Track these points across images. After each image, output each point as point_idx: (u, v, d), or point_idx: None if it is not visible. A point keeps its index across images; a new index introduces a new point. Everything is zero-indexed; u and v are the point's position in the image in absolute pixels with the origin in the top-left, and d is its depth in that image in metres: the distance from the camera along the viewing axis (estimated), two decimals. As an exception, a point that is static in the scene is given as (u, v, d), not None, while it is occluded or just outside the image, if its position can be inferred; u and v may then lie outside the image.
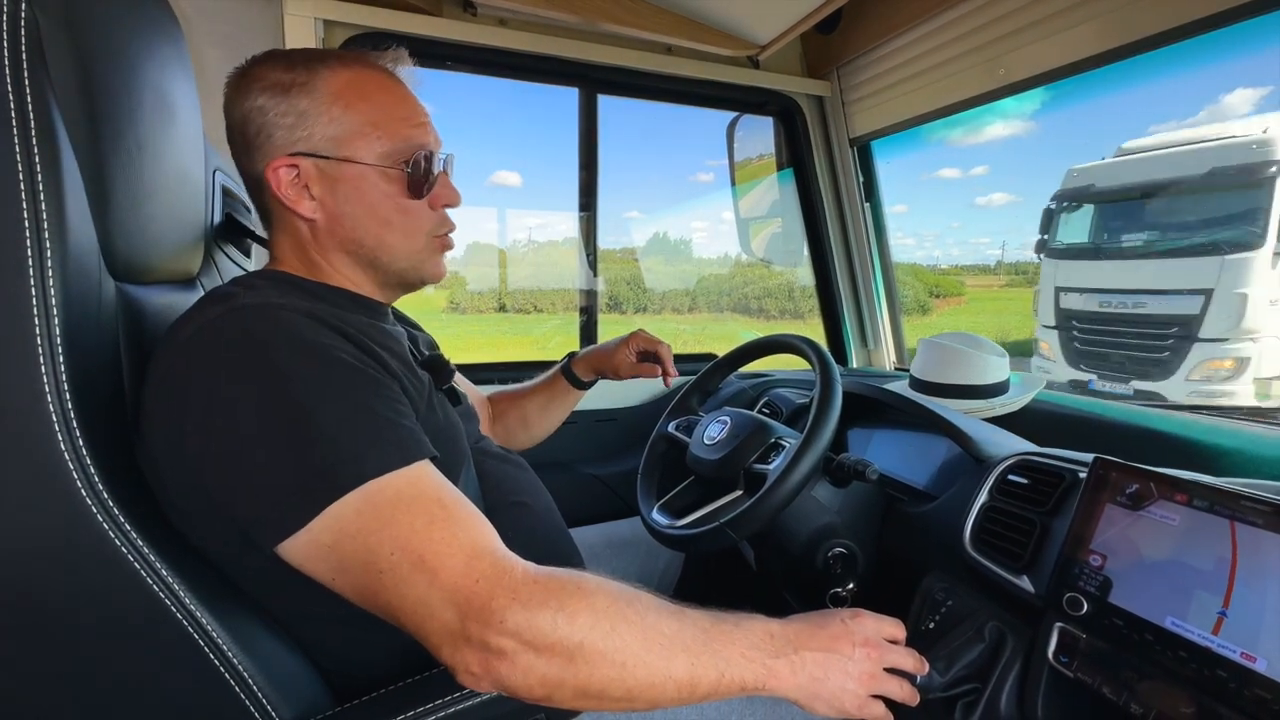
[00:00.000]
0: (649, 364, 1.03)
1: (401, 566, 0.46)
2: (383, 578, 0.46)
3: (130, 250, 0.56)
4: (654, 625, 0.48)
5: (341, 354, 0.52)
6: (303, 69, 0.60)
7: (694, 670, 0.48)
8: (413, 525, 0.46)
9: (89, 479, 0.46)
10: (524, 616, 0.44)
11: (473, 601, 0.45)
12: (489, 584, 0.45)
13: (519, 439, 1.05)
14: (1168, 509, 0.56)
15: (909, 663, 0.59)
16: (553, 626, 0.45)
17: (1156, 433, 0.89)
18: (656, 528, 0.90)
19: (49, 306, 0.44)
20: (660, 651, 0.47)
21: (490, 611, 0.44)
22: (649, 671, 0.47)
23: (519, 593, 0.45)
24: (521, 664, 0.44)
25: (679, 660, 0.48)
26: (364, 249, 0.63)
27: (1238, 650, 0.48)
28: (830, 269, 1.72)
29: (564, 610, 0.46)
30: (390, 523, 0.46)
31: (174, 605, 0.49)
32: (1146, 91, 2.85)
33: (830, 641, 0.55)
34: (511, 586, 0.46)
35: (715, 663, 0.49)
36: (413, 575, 0.45)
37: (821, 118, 1.66)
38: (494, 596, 0.45)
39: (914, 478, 0.96)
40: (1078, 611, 0.58)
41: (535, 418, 1.05)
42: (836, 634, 0.56)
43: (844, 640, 0.56)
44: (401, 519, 0.46)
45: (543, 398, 1.05)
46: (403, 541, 0.46)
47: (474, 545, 0.47)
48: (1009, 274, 13.98)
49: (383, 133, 0.61)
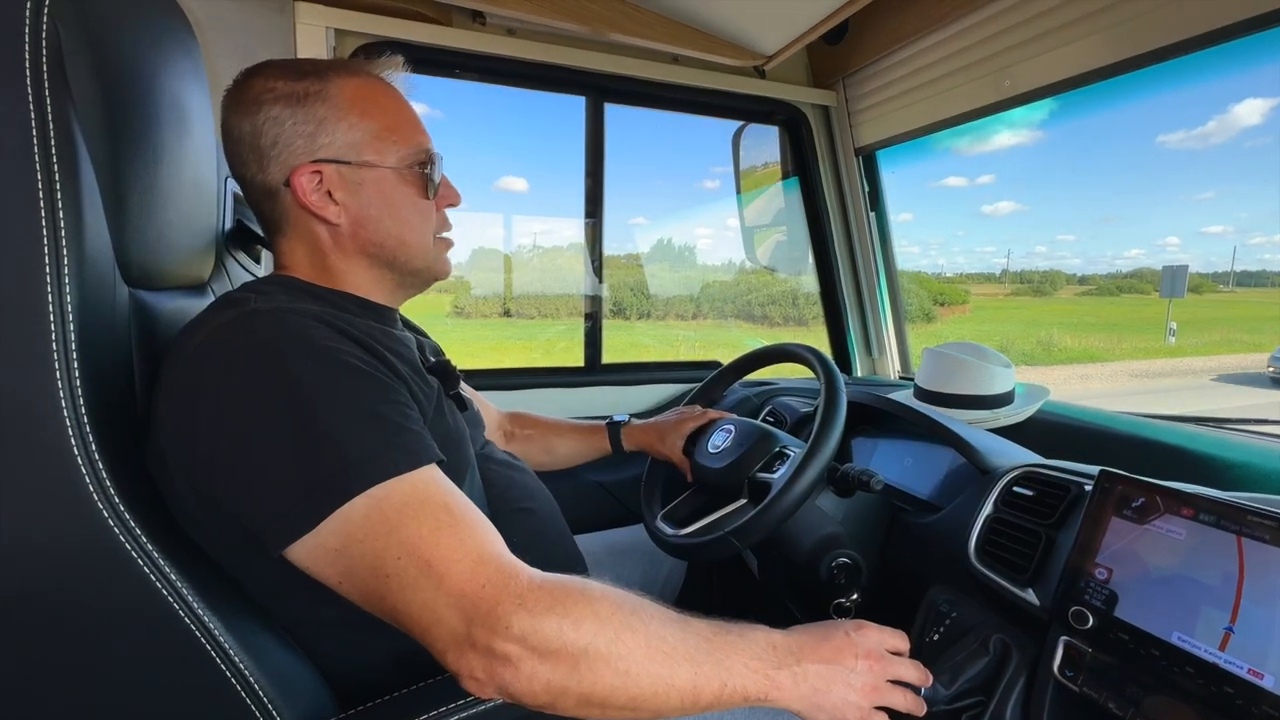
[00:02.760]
0: None
1: (408, 571, 0.46)
2: (389, 582, 0.46)
3: (144, 256, 0.57)
4: (658, 634, 0.48)
5: (351, 358, 0.53)
6: (314, 78, 0.61)
7: (697, 680, 0.48)
8: (419, 530, 0.47)
9: (100, 481, 0.46)
10: (529, 622, 0.45)
11: (479, 607, 0.45)
12: (495, 590, 0.45)
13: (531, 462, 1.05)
14: (1174, 523, 0.56)
15: (913, 675, 0.59)
16: (558, 633, 0.45)
17: (1163, 445, 0.89)
18: (660, 535, 0.90)
19: (64, 311, 0.45)
20: (664, 660, 0.47)
21: (496, 617, 0.44)
22: (652, 680, 0.47)
23: (525, 599, 0.45)
24: (526, 670, 0.44)
25: (682, 669, 0.48)
26: (384, 250, 0.65)
27: (1245, 666, 0.48)
28: (835, 277, 1.72)
29: (569, 617, 0.46)
30: (397, 527, 0.46)
31: (181, 608, 0.49)
32: (1154, 102, 2.86)
33: (833, 654, 0.55)
34: (517, 592, 0.46)
35: (718, 672, 0.49)
36: (419, 580, 0.46)
37: (827, 127, 1.67)
38: (499, 602, 0.45)
39: (918, 488, 0.95)
40: (1083, 625, 0.57)
41: (561, 454, 1.06)
42: (840, 646, 0.56)
43: (847, 652, 0.56)
44: (408, 524, 0.47)
45: (577, 443, 1.06)
46: (409, 546, 0.46)
47: (480, 551, 0.47)
48: (1014, 283, 13.95)
49: (397, 137, 0.64)
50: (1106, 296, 30.19)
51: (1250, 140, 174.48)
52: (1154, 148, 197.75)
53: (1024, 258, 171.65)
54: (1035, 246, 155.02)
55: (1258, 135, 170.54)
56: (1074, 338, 15.97)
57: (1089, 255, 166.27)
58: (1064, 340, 15.36)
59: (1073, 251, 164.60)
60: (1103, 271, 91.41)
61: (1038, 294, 29.99)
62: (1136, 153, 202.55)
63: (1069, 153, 51.60)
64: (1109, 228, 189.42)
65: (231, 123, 0.61)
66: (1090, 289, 32.87)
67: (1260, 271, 49.08)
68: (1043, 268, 39.35)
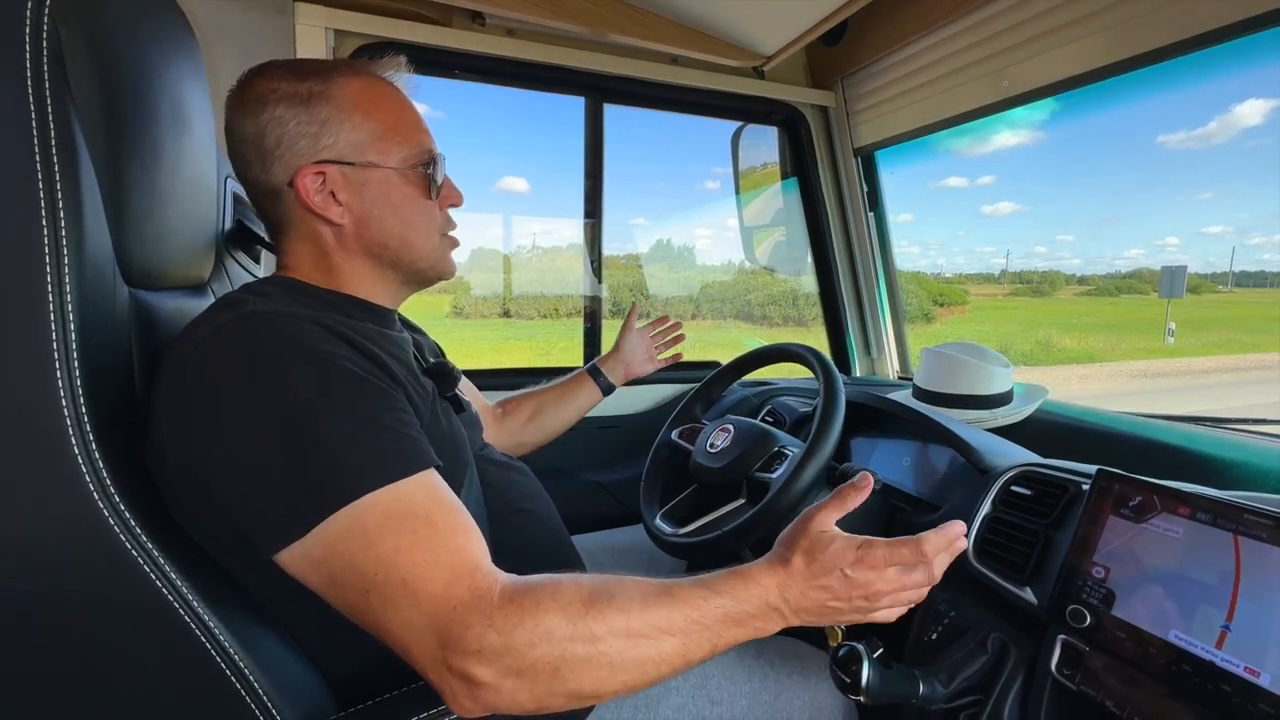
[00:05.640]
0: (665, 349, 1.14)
1: (386, 587, 0.45)
2: (369, 597, 0.46)
3: (144, 257, 0.57)
4: (639, 618, 0.47)
5: (348, 363, 0.53)
6: (317, 79, 0.61)
7: (687, 649, 0.49)
8: (397, 545, 0.46)
9: (100, 480, 0.46)
10: (500, 643, 0.44)
11: (450, 630, 0.44)
12: (464, 612, 0.45)
13: (525, 436, 1.05)
14: (1171, 522, 0.56)
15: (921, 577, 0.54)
16: (529, 648, 0.44)
17: (1160, 445, 0.89)
18: (659, 535, 0.90)
19: (65, 311, 0.45)
20: (648, 643, 0.47)
21: (466, 642, 0.44)
22: (639, 663, 0.47)
23: (494, 619, 0.44)
24: (506, 690, 0.44)
25: (668, 644, 0.48)
26: (388, 250, 0.65)
27: (1241, 664, 0.48)
28: (834, 277, 1.72)
29: (539, 628, 0.45)
30: (375, 541, 0.46)
31: (181, 607, 0.49)
32: (1155, 102, 2.84)
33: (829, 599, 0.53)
34: (487, 613, 0.45)
35: (708, 637, 0.50)
36: (396, 597, 0.45)
37: (826, 128, 1.67)
38: (469, 625, 0.44)
39: (917, 488, 0.96)
40: (1081, 624, 0.58)
41: (550, 409, 1.07)
42: (836, 593, 0.53)
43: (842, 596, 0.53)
44: (387, 538, 0.46)
45: (560, 392, 1.08)
46: (386, 562, 0.46)
47: (454, 568, 0.47)
48: (1013, 283, 13.99)
49: (401, 137, 0.64)
50: (1105, 297, 30.23)
51: (1251, 141, 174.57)
52: (1155, 148, 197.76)
53: (1023, 258, 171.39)
54: (1035, 247, 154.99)
55: (1259, 136, 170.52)
56: (1073, 338, 15.99)
57: (1088, 255, 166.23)
58: (1063, 341, 15.39)
59: (1072, 252, 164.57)
60: (1102, 272, 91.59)
61: (1037, 294, 30.04)
62: (1137, 153, 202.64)
63: (1070, 153, 51.27)
64: (1109, 228, 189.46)
65: (235, 123, 0.61)
66: (1089, 289, 32.91)
67: (1259, 272, 49.21)
68: (1042, 268, 39.52)
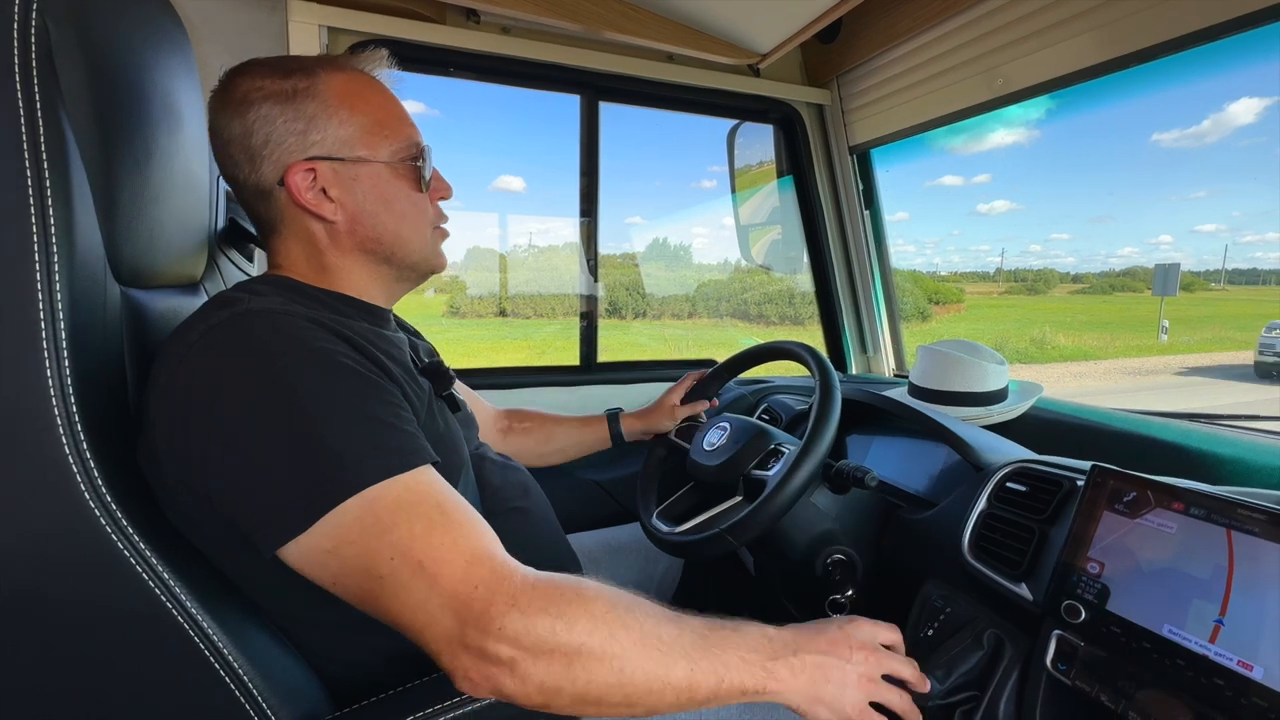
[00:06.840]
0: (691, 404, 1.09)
1: (401, 572, 0.46)
2: (382, 583, 0.46)
3: (136, 255, 0.56)
4: (652, 631, 0.48)
5: (344, 359, 0.53)
6: (301, 75, 0.60)
7: (693, 675, 0.48)
8: (412, 530, 0.47)
9: (92, 481, 0.46)
10: (522, 623, 0.45)
11: (471, 607, 0.45)
12: (487, 590, 0.45)
13: (530, 453, 1.05)
14: (1165, 517, 0.56)
15: (907, 672, 0.59)
16: (550, 633, 0.45)
17: (1154, 441, 0.89)
18: (655, 533, 0.90)
19: (55, 310, 0.45)
20: (659, 658, 0.48)
21: (489, 618, 0.44)
22: (647, 677, 0.47)
23: (518, 599, 0.45)
24: (520, 671, 0.44)
25: (678, 665, 0.48)
26: (382, 245, 0.65)
27: (1235, 659, 0.48)
28: (830, 276, 1.72)
29: (563, 616, 0.46)
30: (390, 528, 0.46)
31: (174, 607, 0.49)
32: (1150, 100, 2.85)
33: (828, 645, 0.55)
34: (510, 593, 0.46)
35: (714, 667, 0.49)
36: (412, 581, 0.46)
37: (821, 126, 1.67)
38: (492, 603, 0.45)
39: (913, 484, 0.96)
40: (1076, 619, 0.58)
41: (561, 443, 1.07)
42: (834, 639, 0.56)
43: (841, 644, 0.56)
44: (401, 524, 0.47)
45: (578, 432, 1.07)
46: (402, 547, 0.46)
47: (473, 551, 0.47)
48: (1009, 281, 14.04)
49: (388, 131, 0.63)
50: (1100, 295, 30.38)
51: (1244, 139, 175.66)
52: (1148, 146, 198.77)
53: (1018, 256, 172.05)
54: (1030, 245, 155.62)
55: (1252, 134, 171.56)
56: (1067, 336, 16.07)
57: (1083, 254, 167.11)
58: (1057, 338, 15.45)
59: (1066, 250, 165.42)
60: (1096, 270, 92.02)
61: (1032, 292, 30.16)
62: (1131, 151, 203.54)
63: (1064, 152, 51.60)
64: (1103, 226, 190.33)
65: (220, 124, 0.60)
66: (1084, 287, 33.07)
67: (1251, 269, 49.50)
68: (1037, 266, 39.78)
